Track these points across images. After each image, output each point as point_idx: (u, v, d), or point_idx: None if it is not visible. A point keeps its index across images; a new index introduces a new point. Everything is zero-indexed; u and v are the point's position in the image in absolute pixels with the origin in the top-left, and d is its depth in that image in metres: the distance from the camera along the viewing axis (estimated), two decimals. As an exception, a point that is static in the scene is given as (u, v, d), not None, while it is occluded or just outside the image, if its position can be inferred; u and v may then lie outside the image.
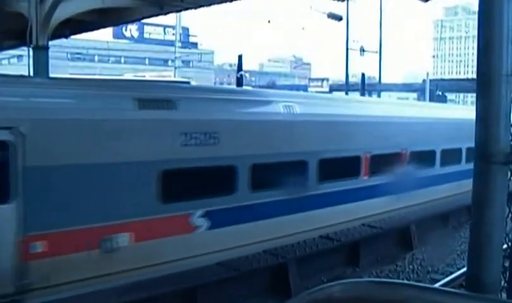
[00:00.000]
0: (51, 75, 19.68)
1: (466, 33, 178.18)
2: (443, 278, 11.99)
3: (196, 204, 10.32)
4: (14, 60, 61.58)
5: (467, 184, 3.88)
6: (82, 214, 8.78)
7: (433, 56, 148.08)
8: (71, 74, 47.27)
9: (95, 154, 9.02)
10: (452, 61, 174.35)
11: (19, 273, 8.14)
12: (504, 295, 3.48)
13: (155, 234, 9.67)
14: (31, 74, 18.84)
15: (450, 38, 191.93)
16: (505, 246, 3.54)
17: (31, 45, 18.98)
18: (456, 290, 1.53)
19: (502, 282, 3.53)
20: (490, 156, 3.25)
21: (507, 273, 3.48)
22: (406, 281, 2.11)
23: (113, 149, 9.27)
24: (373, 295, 1.62)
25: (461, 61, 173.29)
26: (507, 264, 3.50)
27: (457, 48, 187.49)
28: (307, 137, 12.51)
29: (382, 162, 14.48)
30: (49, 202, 8.46)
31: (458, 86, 58.39)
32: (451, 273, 12.30)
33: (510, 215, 3.58)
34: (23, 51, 25.95)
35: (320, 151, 12.68)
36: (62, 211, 8.52)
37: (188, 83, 24.84)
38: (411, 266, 13.31)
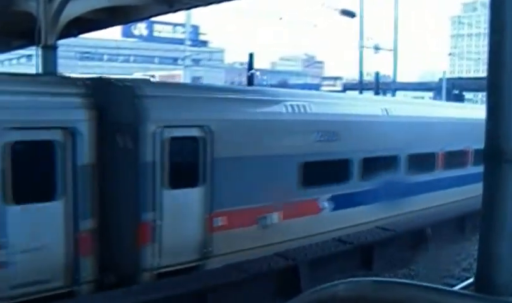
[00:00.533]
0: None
1: (485, 29, 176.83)
2: (458, 283, 11.91)
3: (323, 190, 13.23)
4: (24, 59, 61.88)
5: None
6: (247, 197, 11.50)
7: (450, 54, 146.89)
8: (80, 73, 47.51)
9: (259, 148, 11.82)
10: (470, 59, 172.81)
11: (205, 242, 10.79)
12: (516, 298, 3.47)
13: (296, 214, 12.38)
14: (40, 73, 18.99)
15: (468, 35, 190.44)
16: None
17: (40, 45, 19.12)
18: (464, 291, 1.56)
19: (514, 285, 3.53)
20: (501, 155, 3.24)
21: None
22: (410, 281, 2.12)
23: (272, 144, 12.20)
24: (377, 294, 1.66)
25: (479, 59, 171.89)
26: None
27: (475, 46, 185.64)
28: (399, 135, 15.24)
29: (451, 158, 17.67)
30: (227, 187, 11.02)
31: (476, 84, 57.76)
32: (467, 278, 12.21)
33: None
34: (32, 51, 26.12)
35: (408, 148, 15.75)
36: (235, 194, 11.20)
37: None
38: (425, 270, 13.25)
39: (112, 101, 10.09)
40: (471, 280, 11.77)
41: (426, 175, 16.78)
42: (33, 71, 20.82)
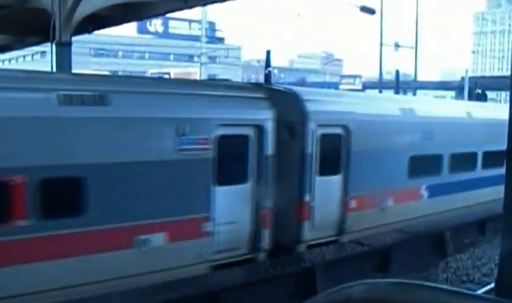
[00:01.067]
0: (74, 71, 19.98)
1: (510, 26, 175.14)
2: (479, 288, 11.85)
3: (423, 181, 15.90)
4: (38, 56, 62.37)
5: None
6: (372, 184, 13.92)
7: (473, 52, 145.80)
8: (94, 70, 47.82)
9: (382, 143, 14.40)
10: (494, 57, 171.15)
11: (341, 221, 13.32)
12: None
13: (404, 199, 15.13)
14: (54, 70, 19.15)
15: (492, 32, 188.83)
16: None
17: (55, 41, 19.28)
18: (485, 295, 1.56)
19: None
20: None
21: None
22: (428, 283, 2.12)
23: (390, 140, 14.87)
24: (394, 296, 1.67)
25: (503, 57, 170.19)
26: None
27: (499, 43, 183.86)
28: (477, 135, 17.79)
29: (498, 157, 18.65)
30: (358, 175, 13.42)
31: (499, 83, 57.11)
32: (488, 284, 12.14)
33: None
34: (47, 47, 26.33)
35: (483, 146, 18.22)
36: (363, 181, 13.63)
37: None
38: (444, 275, 13.21)
39: (284, 104, 12.38)
40: (492, 286, 11.72)
41: (493, 170, 18.14)
42: (47, 67, 20.97)
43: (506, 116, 17.09)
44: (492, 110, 21.43)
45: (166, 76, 56.25)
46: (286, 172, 12.25)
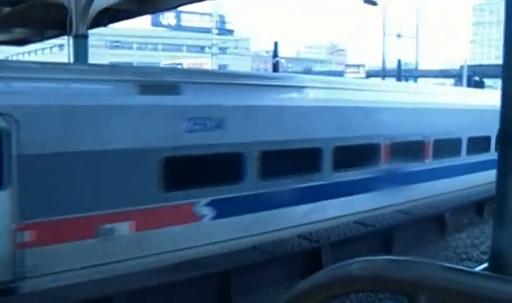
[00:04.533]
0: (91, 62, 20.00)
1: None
2: (477, 266, 11.85)
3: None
4: (56, 49, 62.45)
5: None
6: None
7: (471, 41, 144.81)
8: (110, 61, 47.84)
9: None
10: (491, 46, 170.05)
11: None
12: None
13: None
14: (72, 62, 19.17)
15: (489, 23, 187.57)
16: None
17: (72, 34, 19.29)
18: (480, 271, 1.54)
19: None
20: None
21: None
22: (426, 260, 2.09)
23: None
24: (393, 272, 1.64)
25: (500, 46, 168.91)
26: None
27: (496, 33, 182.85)
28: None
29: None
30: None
31: (496, 71, 56.85)
32: (486, 261, 12.14)
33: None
34: (64, 40, 26.36)
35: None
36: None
37: None
38: (444, 253, 13.20)
39: None
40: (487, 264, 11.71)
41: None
42: (65, 59, 20.99)
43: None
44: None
45: (179, 67, 56.16)
46: None
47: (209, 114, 10.13)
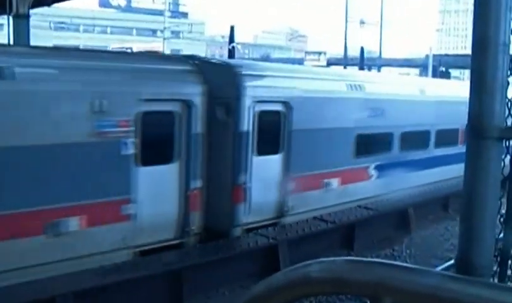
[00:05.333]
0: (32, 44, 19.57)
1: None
2: (442, 263, 12.06)
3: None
4: (-6, 29, 60.91)
5: None
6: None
7: (438, 30, 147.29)
8: (54, 44, 46.91)
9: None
10: (458, 36, 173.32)
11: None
12: (496, 281, 3.48)
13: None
14: (12, 43, 18.72)
15: (456, 11, 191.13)
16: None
17: (11, 14, 18.83)
18: (443, 272, 1.56)
19: (495, 267, 3.54)
20: (484, 132, 3.21)
21: (499, 256, 3.49)
22: (387, 261, 2.11)
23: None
24: (353, 274, 1.64)
25: (466, 36, 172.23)
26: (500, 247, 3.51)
27: (463, 22, 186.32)
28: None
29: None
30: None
31: (463, 61, 57.90)
32: (450, 259, 12.36)
33: (505, 195, 3.58)
34: (3, 20, 25.74)
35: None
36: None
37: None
38: (408, 250, 13.39)
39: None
40: (452, 261, 11.94)
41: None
42: (4, 40, 20.49)
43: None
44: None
45: (128, 51, 55.53)
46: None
47: (378, 105, 15.29)
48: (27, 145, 8.80)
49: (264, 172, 12.21)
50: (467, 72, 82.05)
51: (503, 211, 3.60)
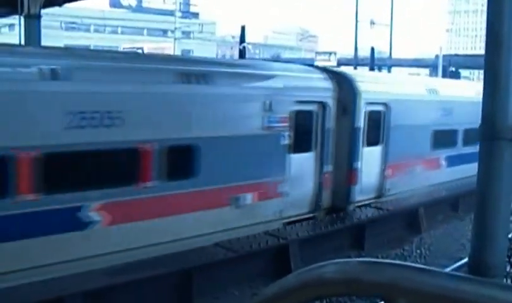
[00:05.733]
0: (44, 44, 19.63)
1: (483, 6, 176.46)
2: (452, 264, 12.01)
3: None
4: (6, 29, 61.24)
5: None
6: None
7: (447, 30, 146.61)
8: (65, 44, 47.10)
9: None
10: (467, 36, 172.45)
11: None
12: (509, 282, 3.45)
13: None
14: (23, 43, 18.79)
15: (465, 12, 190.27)
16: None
17: (23, 14, 18.91)
18: (456, 273, 1.54)
19: (508, 267, 3.51)
20: (497, 133, 3.18)
21: (512, 257, 3.46)
22: (401, 262, 2.09)
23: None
24: (367, 275, 1.63)
25: (476, 36, 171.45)
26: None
27: (472, 22, 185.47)
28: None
29: None
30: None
31: (473, 62, 57.65)
32: (461, 259, 12.30)
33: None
34: (15, 20, 25.85)
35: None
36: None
37: None
38: (418, 250, 13.34)
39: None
40: (464, 261, 11.88)
41: None
42: (15, 40, 20.58)
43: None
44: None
45: (139, 51, 55.65)
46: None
47: (447, 106, 17.74)
48: (224, 136, 11.39)
49: (370, 160, 14.91)
50: (476, 73, 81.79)
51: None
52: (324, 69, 15.70)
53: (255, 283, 10.42)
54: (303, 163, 13.26)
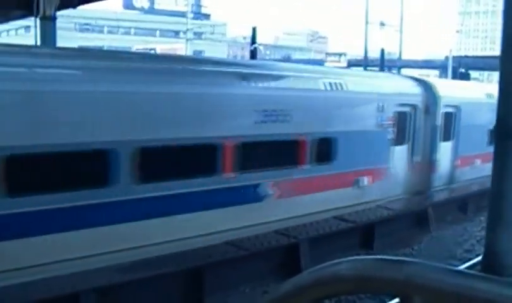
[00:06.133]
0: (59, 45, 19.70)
1: (494, 6, 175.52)
2: (460, 264, 11.92)
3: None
4: (22, 31, 61.56)
5: None
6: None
7: (457, 31, 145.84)
8: (79, 45, 47.27)
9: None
10: (477, 37, 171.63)
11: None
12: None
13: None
14: (39, 45, 18.87)
15: (476, 13, 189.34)
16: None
17: (39, 16, 18.98)
18: (471, 271, 1.51)
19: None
20: None
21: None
22: (416, 260, 2.05)
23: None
24: (382, 273, 1.60)
25: (486, 37, 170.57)
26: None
27: (482, 24, 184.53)
28: None
29: None
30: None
31: (483, 63, 57.40)
32: (469, 260, 12.23)
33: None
34: (31, 22, 25.95)
35: None
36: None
37: None
38: (427, 251, 13.26)
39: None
40: (474, 261, 11.82)
41: None
42: (31, 42, 20.68)
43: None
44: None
45: (152, 52, 55.74)
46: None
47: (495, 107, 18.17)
48: (353, 130, 13.96)
49: (444, 153, 17.41)
50: (486, 74, 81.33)
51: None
52: (412, 77, 18.94)
53: (266, 281, 10.39)
54: (400, 154, 15.79)
